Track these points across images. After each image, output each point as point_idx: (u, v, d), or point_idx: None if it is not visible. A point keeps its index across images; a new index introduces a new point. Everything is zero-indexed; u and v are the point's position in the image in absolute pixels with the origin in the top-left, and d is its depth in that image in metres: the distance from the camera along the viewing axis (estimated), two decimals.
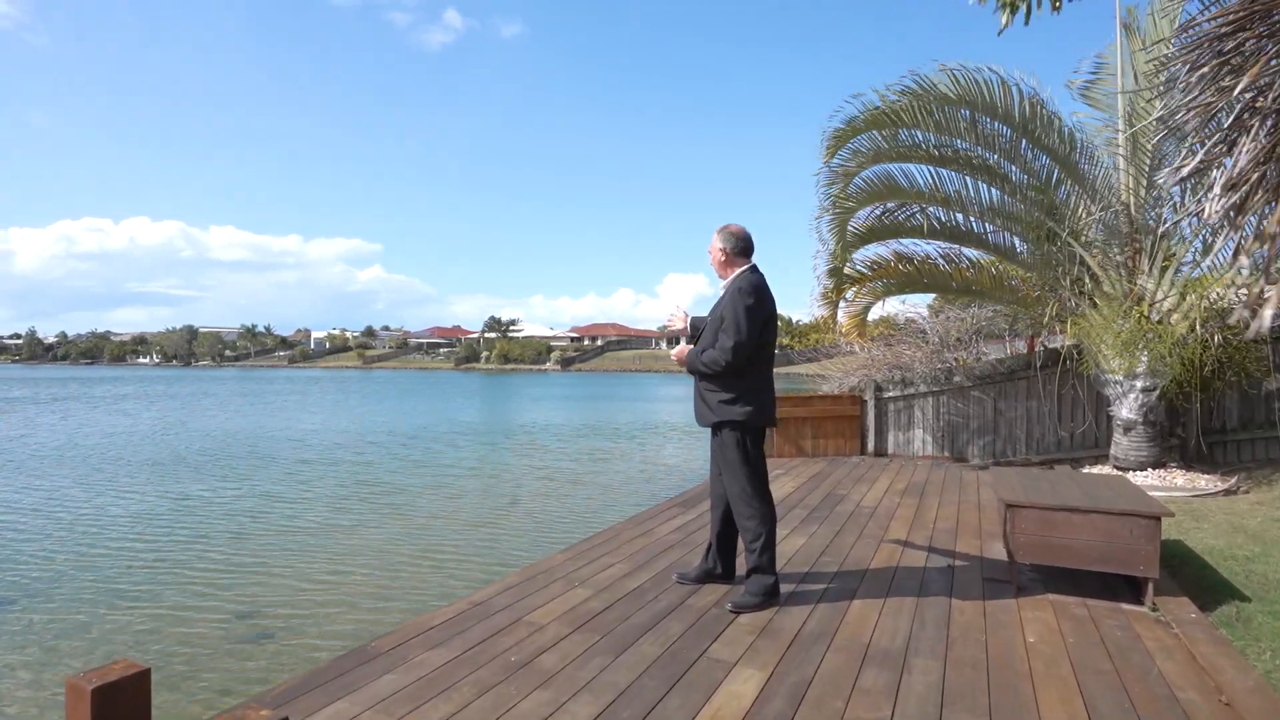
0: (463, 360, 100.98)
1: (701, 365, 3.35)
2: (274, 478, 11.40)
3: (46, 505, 9.44)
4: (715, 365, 3.29)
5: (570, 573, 3.85)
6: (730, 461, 3.35)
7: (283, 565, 6.55)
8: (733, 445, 3.34)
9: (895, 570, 3.89)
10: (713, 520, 3.62)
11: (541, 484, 10.69)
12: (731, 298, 3.29)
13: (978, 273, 6.72)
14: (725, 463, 3.37)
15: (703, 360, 3.34)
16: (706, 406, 3.40)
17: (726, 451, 3.36)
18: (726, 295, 3.35)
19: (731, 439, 3.35)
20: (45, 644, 4.89)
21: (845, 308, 7.44)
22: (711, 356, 3.29)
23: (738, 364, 3.26)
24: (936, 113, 6.23)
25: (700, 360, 3.35)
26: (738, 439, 3.35)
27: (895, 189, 6.57)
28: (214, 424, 21.17)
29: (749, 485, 3.35)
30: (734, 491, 3.36)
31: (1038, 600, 3.40)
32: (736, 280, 3.36)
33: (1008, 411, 7.70)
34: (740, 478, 3.35)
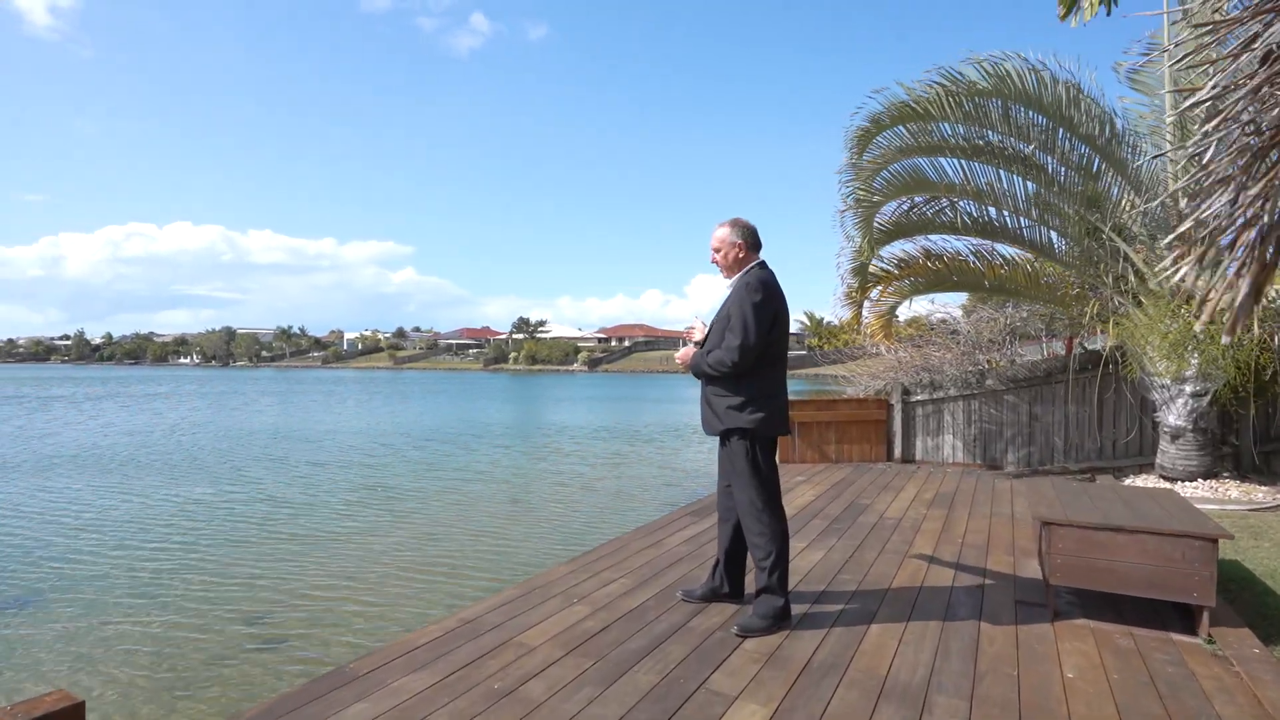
0: (491, 361, 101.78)
1: (707, 367, 3.13)
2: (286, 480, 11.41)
3: (56, 506, 9.56)
4: (721, 366, 3.06)
5: (570, 588, 3.64)
6: (739, 472, 3.11)
7: (290, 571, 6.47)
8: (741, 455, 3.10)
9: (919, 590, 3.60)
10: (720, 535, 3.37)
11: (553, 490, 10.48)
12: (739, 295, 3.07)
13: (1012, 270, 6.35)
14: (734, 473, 3.14)
15: (708, 362, 3.11)
16: (714, 413, 3.17)
17: (735, 461, 3.13)
18: (733, 293, 3.12)
19: (740, 448, 3.11)
20: (50, 647, 4.85)
21: (870, 307, 7.12)
22: (717, 357, 3.07)
23: (745, 365, 3.02)
24: (967, 104, 5.89)
25: (705, 362, 3.12)
26: (747, 448, 3.11)
27: (924, 182, 6.24)
28: (236, 422, 21.51)
29: (759, 498, 3.11)
30: (743, 505, 3.12)
31: (1077, 628, 3.09)
32: (744, 276, 3.13)
33: (1044, 417, 7.30)
34: (750, 490, 3.10)
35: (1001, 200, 6.23)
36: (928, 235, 6.63)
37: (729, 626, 3.09)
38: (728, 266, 3.21)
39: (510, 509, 9.07)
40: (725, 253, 3.21)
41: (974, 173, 6.16)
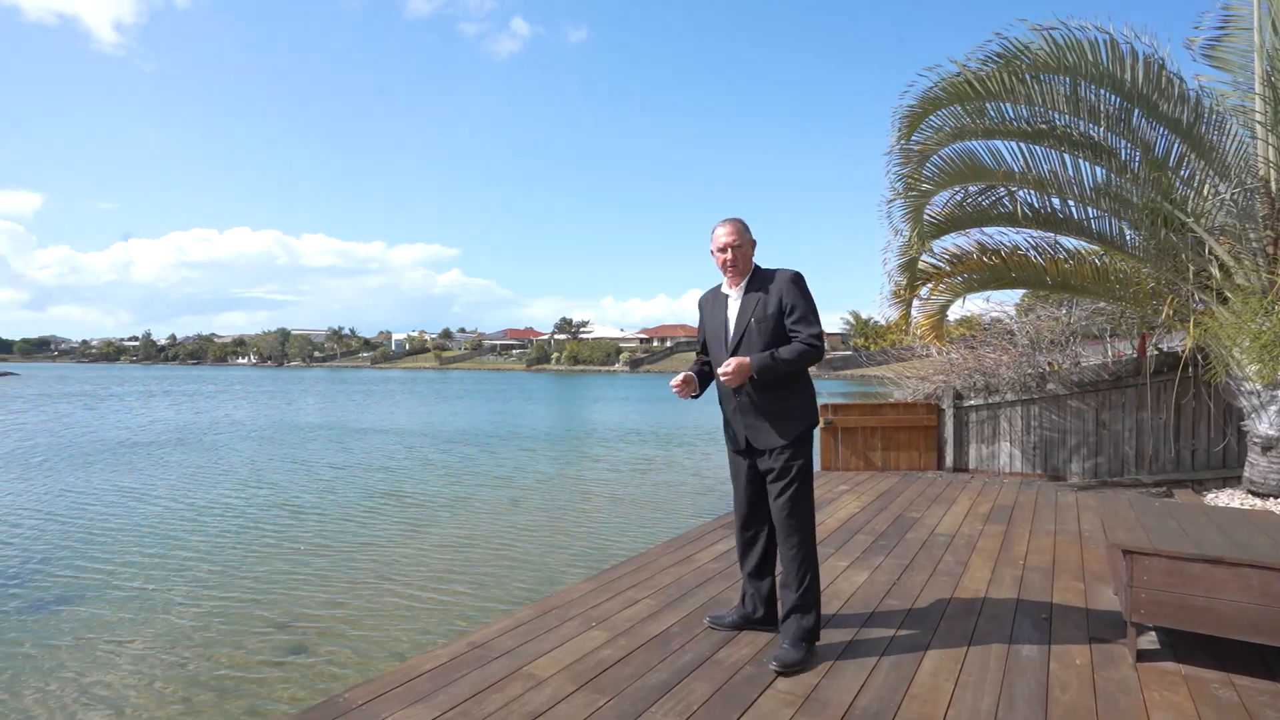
0: (534, 361, 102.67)
1: (786, 362, 2.72)
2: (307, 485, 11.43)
3: (79, 505, 9.78)
4: (809, 356, 2.75)
5: (590, 609, 3.38)
6: (797, 479, 2.82)
7: (321, 576, 6.40)
8: (802, 458, 2.85)
9: (976, 621, 3.22)
10: (749, 557, 3.06)
11: (580, 498, 10.11)
12: (790, 288, 2.83)
13: (1077, 265, 5.83)
14: (788, 482, 2.81)
15: (785, 357, 2.72)
16: (770, 420, 2.84)
17: (794, 467, 2.82)
18: (776, 287, 2.84)
19: (802, 452, 2.86)
20: (88, 646, 4.84)
21: (920, 306, 6.66)
22: (798, 349, 2.75)
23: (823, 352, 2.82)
24: (1030, 81, 5.41)
25: (782, 358, 2.72)
26: (806, 451, 2.88)
27: (979, 169, 5.77)
28: (285, 416, 22.01)
29: (810, 507, 2.87)
30: (796, 517, 2.81)
31: (1165, 674, 2.68)
32: (783, 273, 2.89)
33: (1113, 424, 6.72)
34: (806, 498, 2.85)
35: (1066, 189, 5.71)
36: (983, 228, 6.14)
37: (760, 660, 2.79)
38: (742, 268, 2.94)
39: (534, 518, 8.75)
40: (745, 251, 2.93)
41: (1036, 158, 5.66)
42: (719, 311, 2.98)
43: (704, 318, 3.10)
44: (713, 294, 3.09)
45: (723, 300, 3.00)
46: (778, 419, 2.84)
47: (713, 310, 3.03)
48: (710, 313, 3.04)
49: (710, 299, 3.09)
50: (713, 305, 3.04)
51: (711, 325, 3.01)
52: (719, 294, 3.04)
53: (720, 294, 3.03)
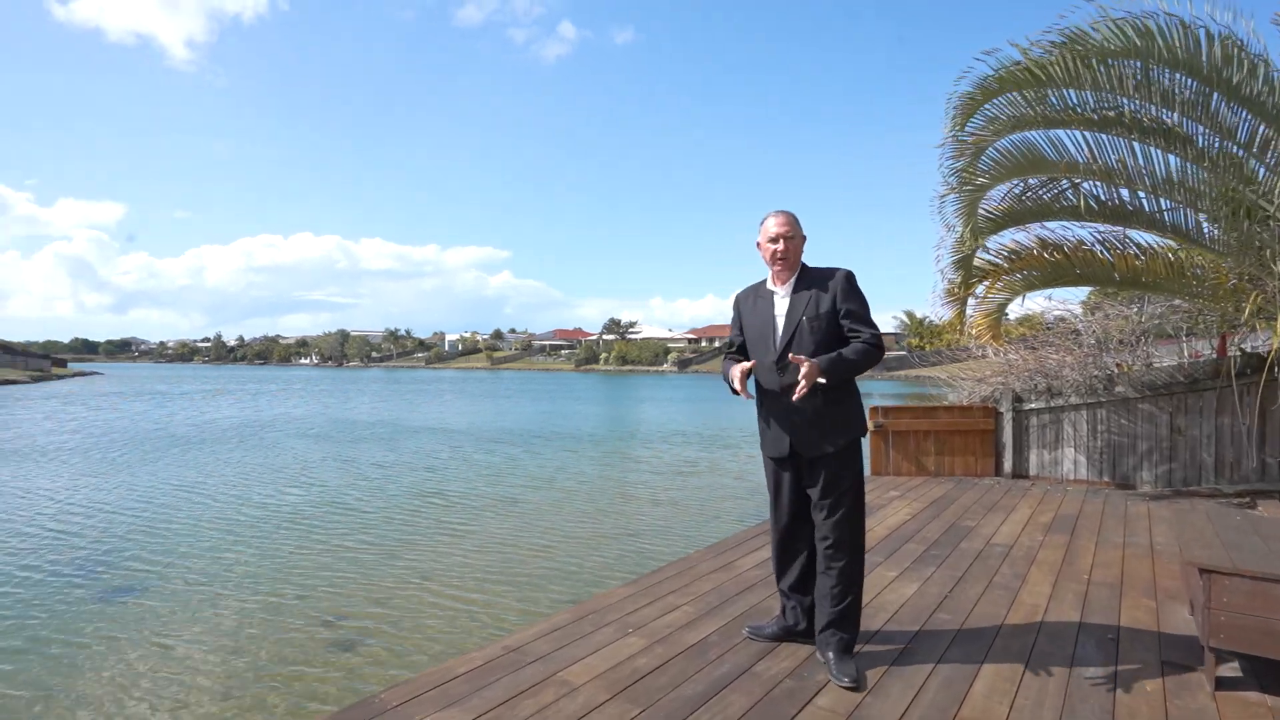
0: (582, 361, 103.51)
1: (853, 364, 2.59)
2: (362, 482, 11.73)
3: (137, 500, 10.25)
4: (873, 356, 2.63)
5: (627, 614, 3.34)
6: (849, 485, 2.71)
7: (364, 575, 6.54)
8: (854, 464, 2.74)
9: (1035, 639, 3.04)
10: (788, 572, 2.93)
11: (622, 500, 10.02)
12: (842, 286, 2.70)
13: (1149, 260, 5.46)
14: (837, 496, 2.69)
15: (851, 358, 2.59)
16: (820, 426, 2.68)
17: (845, 474, 2.70)
18: (830, 285, 2.71)
19: (855, 457, 2.75)
20: (141, 638, 5.06)
21: (976, 305, 6.37)
22: (861, 349, 2.62)
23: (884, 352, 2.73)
24: (1097, 67, 5.10)
25: (850, 359, 2.59)
26: (858, 462, 2.77)
27: (1039, 161, 5.48)
28: (339, 415, 22.75)
29: (861, 523, 2.77)
30: (846, 533, 2.69)
31: (1248, 704, 2.46)
32: (841, 271, 2.76)
33: (1189, 429, 6.30)
34: (857, 514, 2.74)
35: (1136, 179, 5.37)
36: (1044, 222, 5.83)
37: (800, 674, 2.68)
38: (792, 262, 2.80)
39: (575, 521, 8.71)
40: (797, 244, 2.80)
41: (1102, 148, 5.34)
42: (763, 309, 2.81)
43: (743, 316, 2.94)
44: (752, 291, 2.93)
45: (767, 297, 2.83)
46: (829, 425, 2.68)
47: (755, 308, 2.86)
48: (752, 310, 2.87)
49: (750, 296, 2.92)
50: (754, 303, 2.87)
51: (754, 323, 2.84)
52: (762, 291, 2.88)
53: (764, 291, 2.86)
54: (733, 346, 2.99)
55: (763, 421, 2.86)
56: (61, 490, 10.62)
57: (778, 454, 2.80)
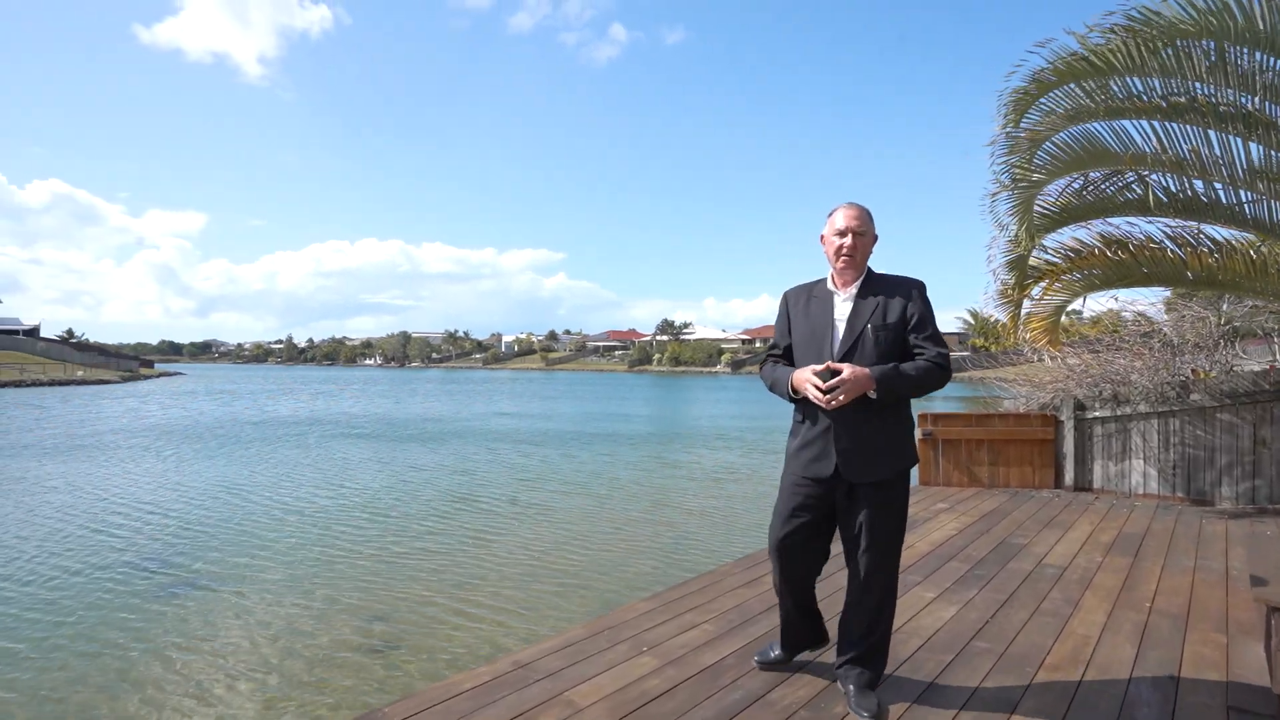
0: (636, 363, 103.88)
1: (911, 381, 2.34)
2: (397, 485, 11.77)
3: (194, 493, 10.69)
4: (933, 379, 2.36)
5: (643, 631, 3.24)
6: (895, 518, 2.48)
7: (390, 582, 6.62)
8: (903, 495, 2.51)
9: (1082, 674, 2.79)
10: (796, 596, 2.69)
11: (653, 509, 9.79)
12: (914, 296, 2.45)
13: (1226, 257, 5.00)
14: (884, 523, 2.44)
15: (911, 375, 2.34)
16: (873, 448, 2.41)
17: (893, 505, 2.46)
18: (900, 293, 2.46)
19: (905, 488, 2.52)
20: (200, 632, 5.27)
21: (1032, 307, 5.99)
22: (924, 367, 2.36)
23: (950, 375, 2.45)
24: (1164, 50, 4.71)
25: (908, 374, 2.34)
26: (906, 492, 2.54)
27: (1101, 153, 5.10)
28: (389, 414, 23.42)
29: (899, 559, 2.55)
30: (885, 570, 2.48)
31: None
32: (904, 280, 2.52)
33: (1275, 442, 5.76)
34: (898, 548, 2.52)
35: (1211, 170, 4.93)
36: (1106, 218, 5.43)
37: (818, 704, 2.53)
38: (859, 261, 2.50)
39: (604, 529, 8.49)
40: (867, 243, 2.51)
41: (1172, 137, 4.92)
42: (821, 312, 2.51)
43: (793, 317, 2.61)
44: (806, 290, 2.61)
45: (826, 299, 2.52)
46: (882, 448, 2.41)
47: (809, 309, 2.54)
48: (805, 312, 2.56)
49: (803, 296, 2.60)
50: (808, 303, 2.56)
51: (808, 327, 2.53)
52: (819, 291, 2.57)
53: (821, 291, 2.56)
54: (777, 349, 2.68)
55: (800, 439, 2.53)
56: (117, 485, 11.26)
57: (816, 474, 2.46)
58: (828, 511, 2.52)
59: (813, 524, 2.53)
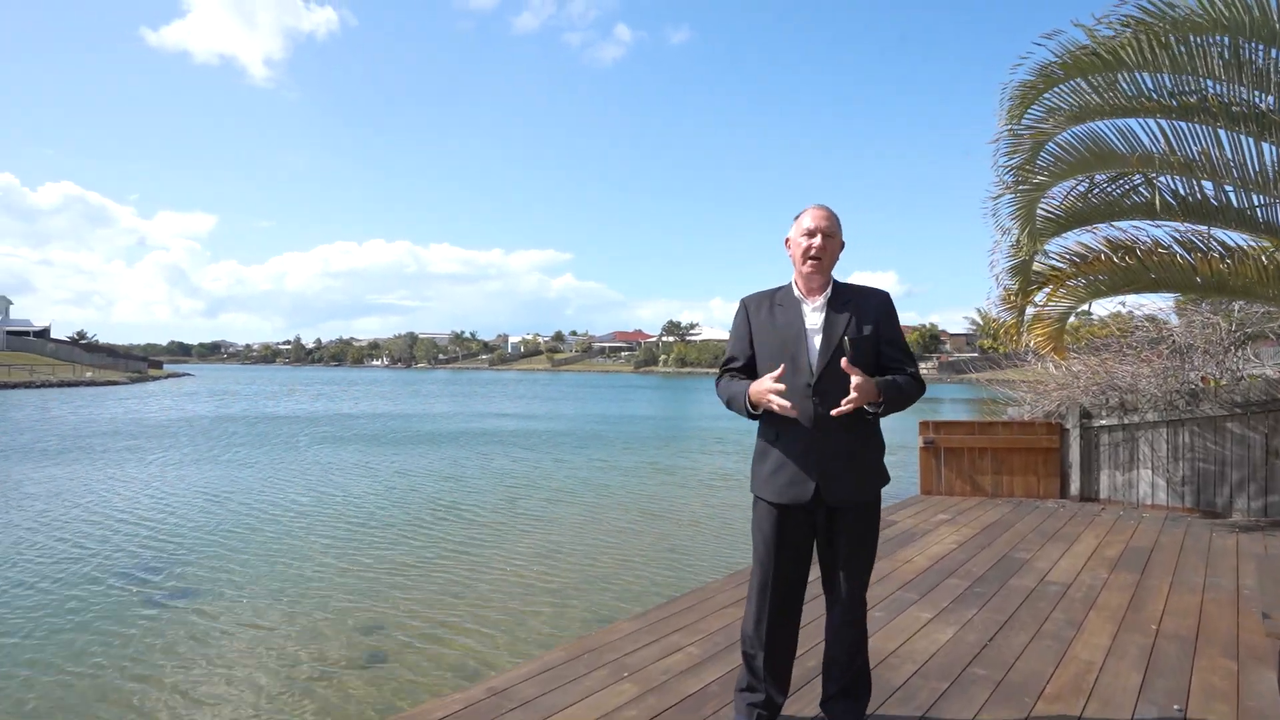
0: (641, 364, 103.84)
1: (904, 397, 2.22)
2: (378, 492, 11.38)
3: (176, 499, 10.62)
4: (913, 397, 2.25)
5: (625, 655, 3.11)
6: (875, 536, 2.34)
7: (392, 586, 6.52)
8: (876, 521, 2.35)
9: (1084, 705, 2.64)
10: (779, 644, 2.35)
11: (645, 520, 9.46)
12: (886, 311, 2.32)
13: (1238, 263, 4.83)
14: (866, 547, 2.30)
15: (906, 391, 2.22)
16: (856, 469, 2.25)
17: (873, 528, 2.32)
18: (872, 307, 2.30)
19: (878, 513, 2.36)
20: (175, 648, 5.17)
21: (1037, 314, 5.82)
22: (910, 384, 2.24)
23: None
24: (1175, 46, 4.56)
25: (904, 390, 2.22)
26: (879, 513, 2.39)
27: (1107, 155, 4.94)
28: (416, 416, 23.34)
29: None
30: (862, 589, 2.32)
31: None
32: (873, 291, 2.38)
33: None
34: (871, 568, 2.37)
35: (1222, 172, 4.76)
36: (1113, 222, 5.26)
37: None
38: (827, 266, 2.32)
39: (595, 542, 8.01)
40: (835, 246, 2.33)
41: (1182, 137, 4.75)
42: (791, 321, 2.30)
43: (755, 327, 2.39)
44: (766, 298, 2.41)
45: (793, 307, 2.32)
46: (864, 468, 2.26)
47: (774, 318, 2.34)
48: (770, 321, 2.35)
49: (764, 303, 2.40)
50: (772, 311, 2.36)
51: (776, 337, 2.31)
52: (784, 299, 2.37)
53: (786, 299, 2.36)
54: (735, 362, 2.44)
55: (771, 460, 2.29)
56: (97, 492, 11.22)
57: (793, 499, 2.23)
58: (811, 538, 2.34)
59: (801, 557, 2.33)
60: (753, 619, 2.34)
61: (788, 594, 2.33)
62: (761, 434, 2.36)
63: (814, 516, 2.28)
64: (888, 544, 5.04)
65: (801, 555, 2.32)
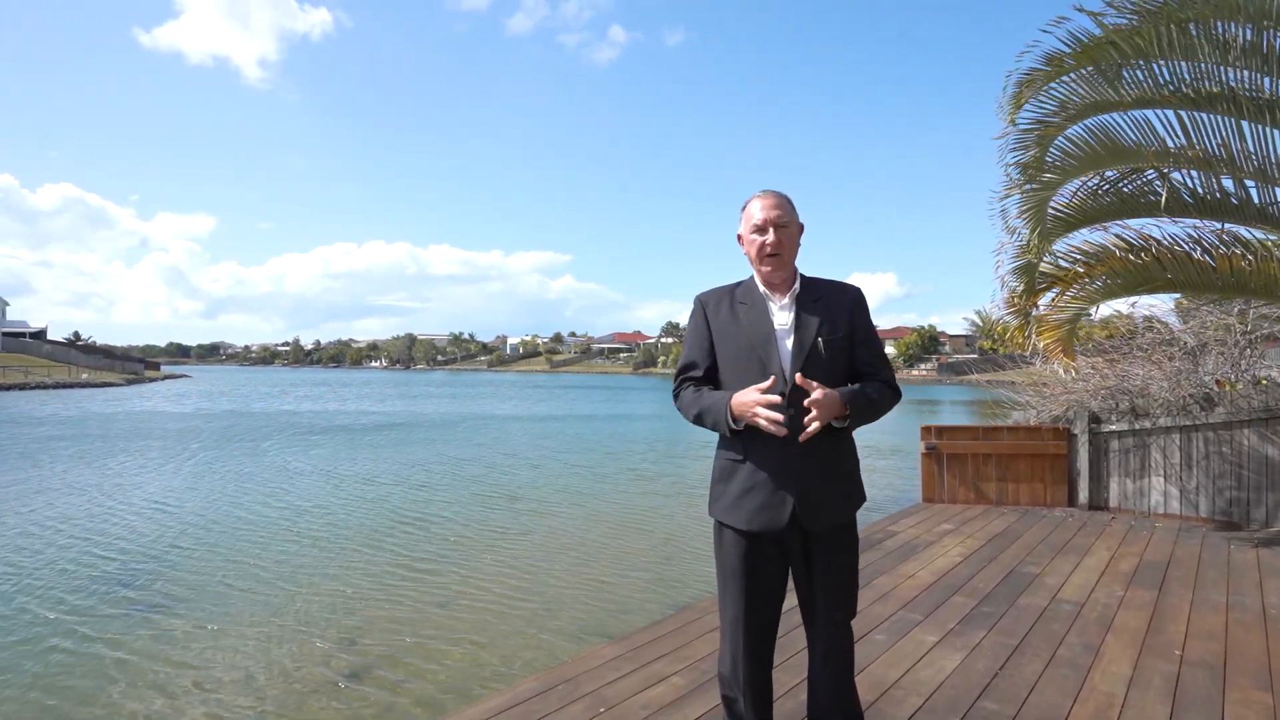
0: (641, 365, 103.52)
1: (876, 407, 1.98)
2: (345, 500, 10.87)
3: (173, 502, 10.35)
4: (888, 406, 2.02)
5: (604, 685, 2.85)
6: (854, 563, 2.07)
7: (381, 596, 6.25)
8: (855, 543, 2.08)
9: None
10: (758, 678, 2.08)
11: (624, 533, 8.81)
12: (859, 309, 2.07)
13: (1261, 261, 4.58)
14: (849, 566, 2.04)
15: (877, 400, 1.98)
16: (835, 490, 1.99)
17: (854, 547, 2.06)
18: (844, 305, 2.05)
19: (856, 534, 2.09)
20: (154, 654, 4.91)
21: (1045, 315, 5.56)
22: (884, 391, 2.01)
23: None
24: (1194, 31, 4.31)
25: (875, 400, 1.97)
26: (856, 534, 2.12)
27: (1119, 150, 4.69)
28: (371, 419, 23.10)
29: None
30: (848, 619, 2.06)
31: None
32: (844, 286, 2.11)
33: None
34: (857, 581, 2.10)
35: (1242, 166, 4.52)
36: (1125, 220, 5.01)
37: None
38: (787, 259, 2.05)
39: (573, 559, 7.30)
40: (793, 236, 2.06)
41: (1200, 130, 4.51)
42: (756, 322, 2.02)
43: (715, 329, 2.10)
44: (726, 296, 2.12)
45: (759, 306, 2.05)
46: (843, 489, 2.01)
47: (736, 318, 2.05)
48: (733, 322, 2.06)
49: (725, 301, 2.11)
50: (734, 310, 2.07)
51: (741, 340, 2.02)
52: (745, 295, 2.09)
53: (751, 297, 2.08)
54: (695, 370, 2.11)
55: (739, 480, 2.00)
56: (54, 497, 10.95)
57: (768, 527, 1.94)
58: (785, 568, 2.07)
59: (776, 588, 2.06)
60: (728, 661, 2.07)
61: (766, 631, 2.06)
62: (724, 449, 2.06)
63: (787, 544, 2.00)
64: (889, 557, 4.79)
65: (776, 587, 2.05)
